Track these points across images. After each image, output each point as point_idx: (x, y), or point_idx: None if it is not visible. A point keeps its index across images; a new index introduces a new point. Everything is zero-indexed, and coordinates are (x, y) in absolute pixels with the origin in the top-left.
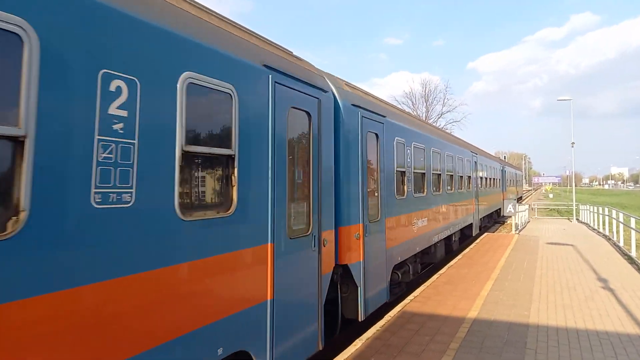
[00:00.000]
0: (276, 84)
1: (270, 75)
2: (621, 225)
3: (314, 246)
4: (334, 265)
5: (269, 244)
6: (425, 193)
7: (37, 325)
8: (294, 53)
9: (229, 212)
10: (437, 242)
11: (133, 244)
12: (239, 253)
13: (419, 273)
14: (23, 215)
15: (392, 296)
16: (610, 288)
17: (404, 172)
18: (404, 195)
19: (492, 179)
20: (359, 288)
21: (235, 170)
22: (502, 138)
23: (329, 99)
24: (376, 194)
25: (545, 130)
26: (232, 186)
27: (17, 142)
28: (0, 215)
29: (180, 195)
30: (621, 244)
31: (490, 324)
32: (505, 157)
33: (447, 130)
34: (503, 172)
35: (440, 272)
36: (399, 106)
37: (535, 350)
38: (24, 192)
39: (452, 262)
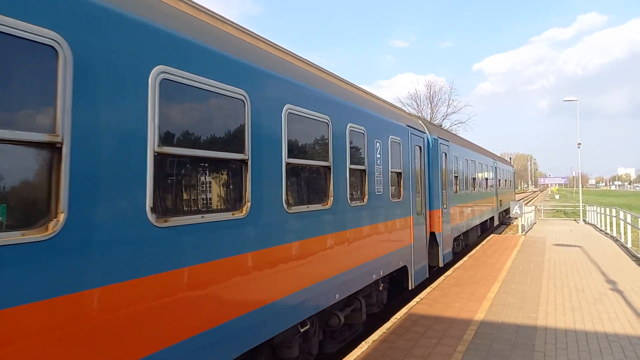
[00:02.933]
0: (411, 134)
1: (409, 130)
2: (629, 227)
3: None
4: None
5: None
6: (469, 190)
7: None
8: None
9: (400, 199)
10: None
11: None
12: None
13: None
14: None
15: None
16: (619, 290)
17: (457, 176)
18: (457, 192)
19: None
20: (439, 247)
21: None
22: (508, 139)
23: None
24: (444, 191)
25: (552, 131)
26: (401, 187)
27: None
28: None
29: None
30: (629, 245)
31: (498, 327)
32: (511, 158)
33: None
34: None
35: (447, 273)
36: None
37: (543, 353)
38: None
39: (458, 264)
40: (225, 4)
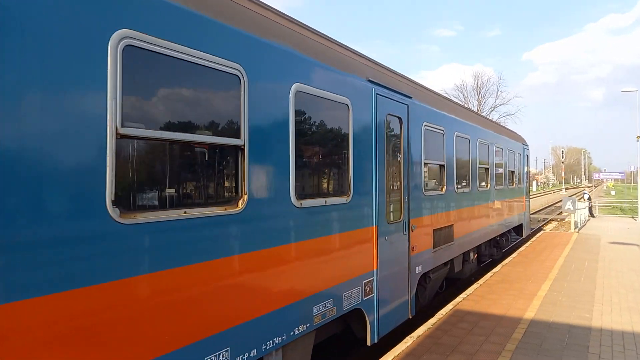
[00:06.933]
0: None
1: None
2: None
3: None
4: None
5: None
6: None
7: None
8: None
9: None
10: None
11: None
12: None
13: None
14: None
15: None
16: None
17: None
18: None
19: None
20: None
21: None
22: (560, 132)
23: None
24: None
25: (608, 124)
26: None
27: None
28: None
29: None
30: None
31: (549, 326)
32: (563, 152)
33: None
34: None
35: (494, 270)
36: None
37: (598, 354)
38: None
39: (506, 260)
40: None
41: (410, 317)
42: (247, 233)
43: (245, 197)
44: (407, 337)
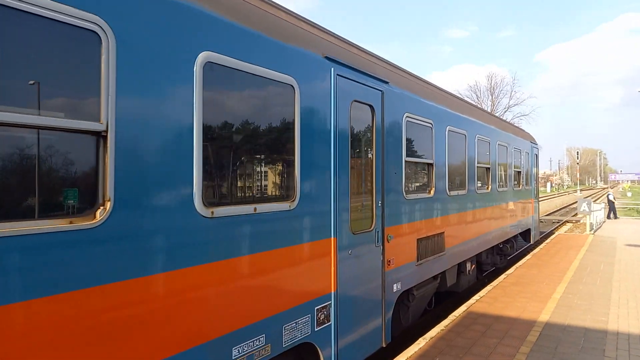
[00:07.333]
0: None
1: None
2: None
3: None
4: None
5: None
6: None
7: None
8: None
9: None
10: None
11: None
12: None
13: None
14: None
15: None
16: None
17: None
18: None
19: None
20: None
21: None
22: (575, 133)
23: None
24: None
25: (625, 125)
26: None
27: None
28: None
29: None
30: None
31: (564, 329)
32: (578, 153)
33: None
34: None
35: (508, 272)
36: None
37: (615, 358)
38: None
39: (520, 262)
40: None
41: (385, 345)
42: (109, 255)
43: (108, 204)
44: (420, 339)
